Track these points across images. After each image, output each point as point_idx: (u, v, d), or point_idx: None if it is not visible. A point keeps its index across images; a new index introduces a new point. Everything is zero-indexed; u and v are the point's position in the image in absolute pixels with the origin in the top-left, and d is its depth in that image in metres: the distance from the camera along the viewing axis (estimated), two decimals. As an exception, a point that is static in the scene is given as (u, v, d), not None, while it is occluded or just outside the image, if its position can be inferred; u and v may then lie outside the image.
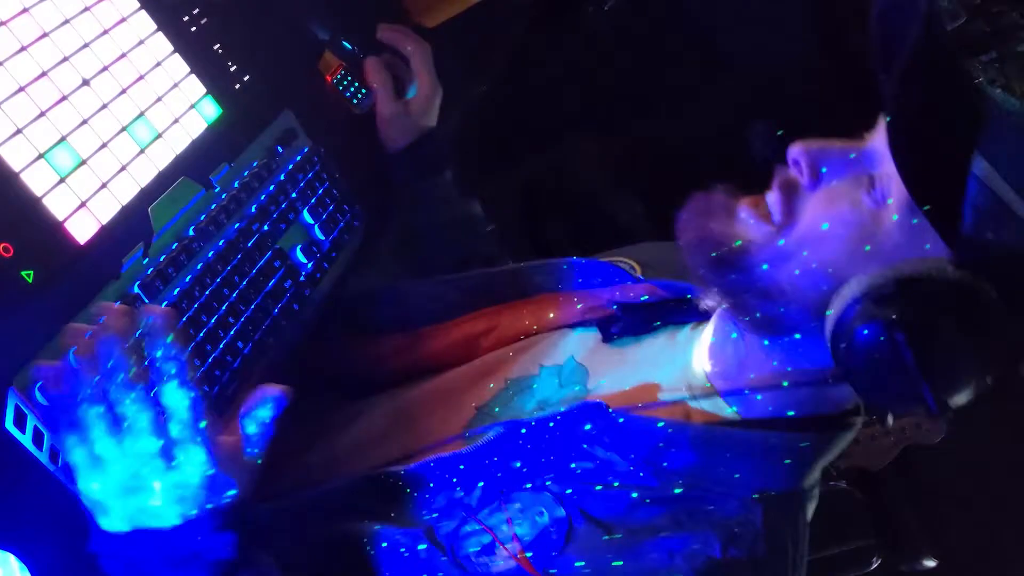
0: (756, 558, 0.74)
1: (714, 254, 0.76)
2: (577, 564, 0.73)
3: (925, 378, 0.66)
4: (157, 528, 0.65)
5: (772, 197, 0.76)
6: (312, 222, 1.02)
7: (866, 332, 0.67)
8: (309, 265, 0.99)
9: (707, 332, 0.83)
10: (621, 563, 0.72)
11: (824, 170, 0.74)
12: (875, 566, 1.87)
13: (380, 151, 1.17)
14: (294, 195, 1.00)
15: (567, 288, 0.99)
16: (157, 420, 0.64)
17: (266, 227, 0.95)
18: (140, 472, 0.64)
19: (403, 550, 0.78)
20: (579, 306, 0.96)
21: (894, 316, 0.66)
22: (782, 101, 1.63)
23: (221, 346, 0.87)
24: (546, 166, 1.75)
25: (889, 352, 0.66)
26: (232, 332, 0.88)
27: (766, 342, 0.77)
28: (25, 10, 0.79)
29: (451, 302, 1.02)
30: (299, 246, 0.99)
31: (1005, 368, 0.69)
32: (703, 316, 0.85)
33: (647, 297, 0.93)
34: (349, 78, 1.17)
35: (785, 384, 0.76)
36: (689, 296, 0.88)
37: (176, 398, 0.65)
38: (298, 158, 1.02)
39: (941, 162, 0.66)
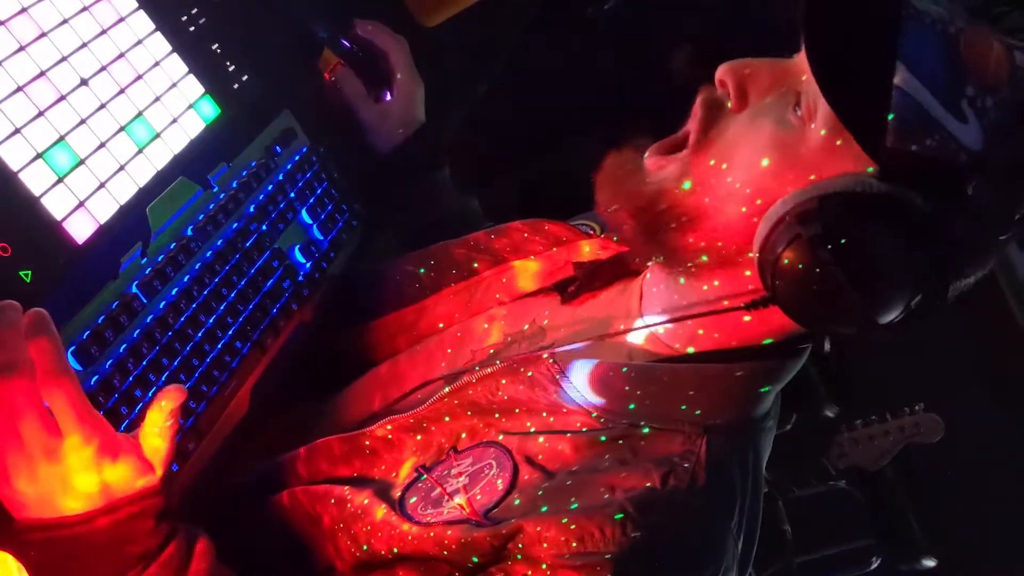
0: (697, 487, 0.73)
1: (633, 210, 0.76)
2: (519, 508, 0.73)
3: (853, 293, 0.65)
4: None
5: (694, 116, 0.75)
6: (310, 222, 1.02)
7: (791, 251, 0.66)
8: (308, 265, 0.99)
9: (650, 274, 0.83)
10: (561, 503, 0.72)
11: (751, 89, 0.73)
12: (875, 566, 1.87)
13: (378, 151, 1.17)
14: (292, 195, 1.00)
15: (534, 253, 0.99)
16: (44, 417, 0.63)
17: (264, 227, 0.95)
18: (36, 464, 0.63)
19: (349, 505, 0.79)
20: (540, 271, 0.96)
21: (818, 233, 0.65)
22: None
23: (219, 346, 0.87)
24: (546, 167, 1.75)
25: (815, 270, 0.65)
26: (231, 332, 0.88)
27: (700, 285, 0.76)
28: (24, 10, 0.79)
29: (428, 279, 1.02)
30: (297, 246, 0.99)
31: (937, 278, 0.68)
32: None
33: (602, 253, 0.93)
34: (348, 77, 1.17)
35: (717, 325, 0.76)
36: None
37: (58, 395, 0.63)
38: (297, 158, 1.02)
39: (861, 73, 0.65)
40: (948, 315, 0.73)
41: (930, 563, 1.86)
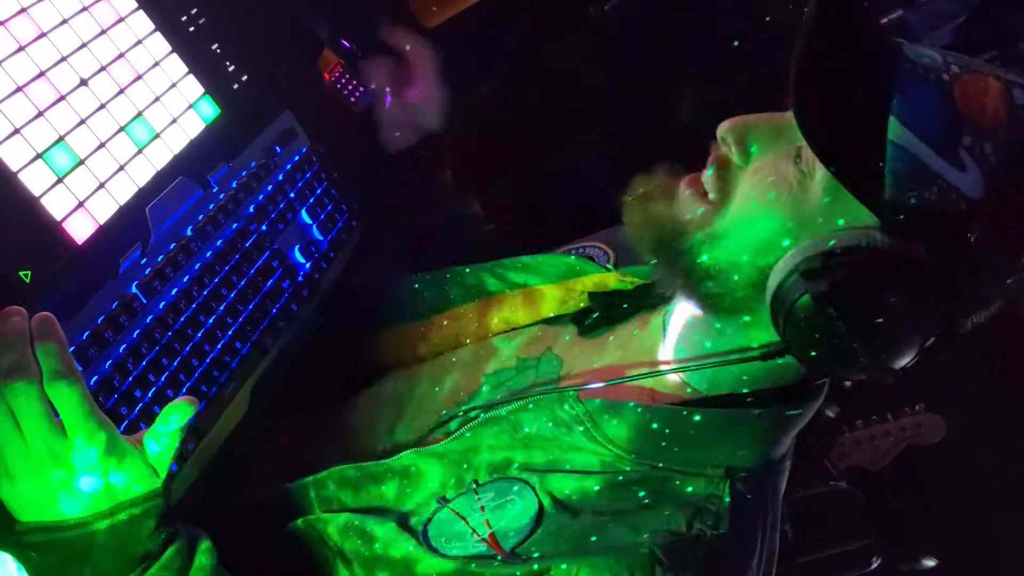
0: (721, 530, 0.74)
1: (657, 236, 0.77)
2: (545, 546, 0.73)
3: (864, 345, 0.66)
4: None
5: (707, 174, 0.76)
6: (310, 222, 1.02)
7: (800, 306, 0.67)
8: (307, 265, 0.99)
9: (671, 314, 0.83)
10: (588, 542, 0.72)
11: (753, 146, 0.74)
12: (875, 566, 1.87)
13: (379, 151, 1.17)
14: (292, 195, 1.00)
15: (545, 281, 0.99)
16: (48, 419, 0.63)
17: (264, 227, 0.95)
18: (41, 466, 0.63)
19: (366, 531, 0.78)
20: (556, 298, 0.96)
21: (824, 289, 0.66)
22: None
23: (219, 346, 0.87)
24: (548, 168, 1.74)
25: (825, 324, 0.67)
26: (230, 332, 0.88)
27: (718, 324, 0.77)
28: (23, 10, 0.79)
29: (434, 298, 1.02)
30: (297, 246, 0.99)
31: (946, 324, 0.69)
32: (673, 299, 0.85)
33: (620, 284, 0.93)
34: (347, 76, 1.17)
35: (737, 365, 0.76)
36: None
37: (64, 398, 0.63)
38: (296, 158, 1.02)
39: (854, 133, 0.65)
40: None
41: (930, 563, 1.86)
